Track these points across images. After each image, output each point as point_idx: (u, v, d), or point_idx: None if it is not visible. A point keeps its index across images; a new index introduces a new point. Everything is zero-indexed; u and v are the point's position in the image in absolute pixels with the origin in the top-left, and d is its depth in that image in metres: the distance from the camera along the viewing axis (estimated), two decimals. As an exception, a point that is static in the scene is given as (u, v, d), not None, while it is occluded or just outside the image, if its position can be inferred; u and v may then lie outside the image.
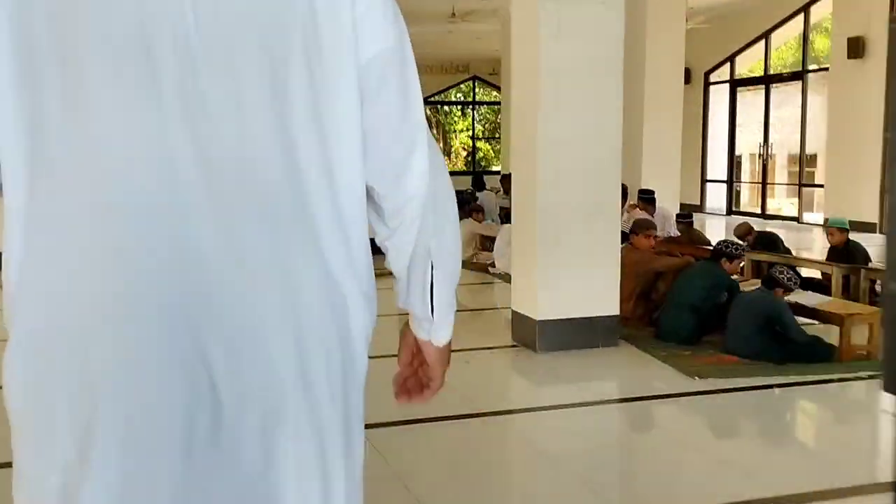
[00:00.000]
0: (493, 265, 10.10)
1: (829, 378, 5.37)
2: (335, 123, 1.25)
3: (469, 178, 20.08)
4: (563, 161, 5.95)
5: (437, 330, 1.44)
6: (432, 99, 25.95)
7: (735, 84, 17.66)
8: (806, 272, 8.27)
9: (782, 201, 18.58)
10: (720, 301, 6.27)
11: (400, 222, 1.38)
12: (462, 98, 27.80)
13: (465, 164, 27.87)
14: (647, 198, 10.66)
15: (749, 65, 17.75)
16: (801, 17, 15.66)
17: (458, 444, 4.45)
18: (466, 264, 10.45)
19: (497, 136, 28.36)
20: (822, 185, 15.25)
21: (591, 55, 5.95)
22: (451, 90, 26.72)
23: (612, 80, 6.06)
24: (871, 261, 7.97)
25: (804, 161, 16.20)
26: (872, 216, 13.88)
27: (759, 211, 17.38)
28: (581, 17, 5.89)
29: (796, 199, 17.76)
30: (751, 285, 6.72)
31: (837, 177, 14.56)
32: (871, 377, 5.29)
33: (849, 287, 7.37)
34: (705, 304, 6.19)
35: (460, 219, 6.18)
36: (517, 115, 6.26)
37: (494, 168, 26.63)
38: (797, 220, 15.79)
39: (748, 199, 18.89)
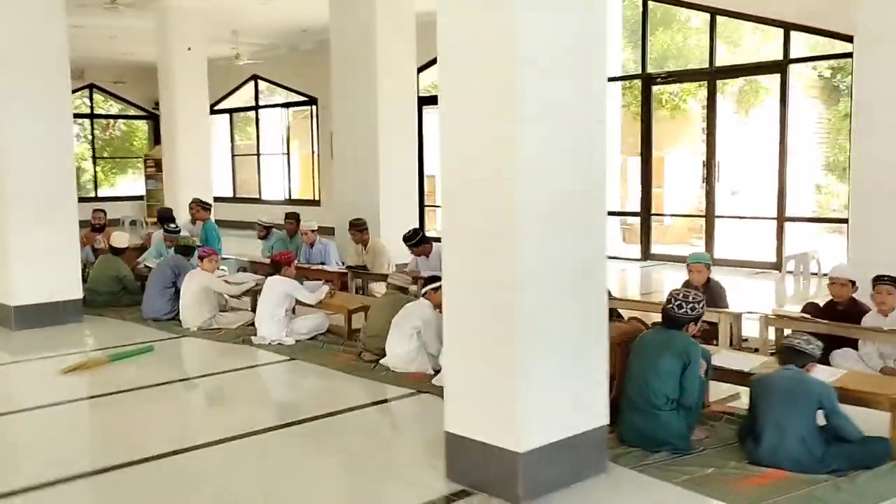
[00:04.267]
0: (253, 330, 7.38)
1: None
2: None
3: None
4: (539, 199, 3.79)
5: None
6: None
7: (421, 102, 16.42)
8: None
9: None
10: (702, 382, 4.60)
11: None
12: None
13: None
14: (420, 239, 8.73)
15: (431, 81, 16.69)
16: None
17: None
18: (205, 335, 7.58)
19: (105, 155, 24.28)
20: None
21: (573, 34, 3.89)
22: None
23: (598, 68, 4.04)
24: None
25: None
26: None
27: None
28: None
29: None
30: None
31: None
32: None
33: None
34: (688, 393, 4.45)
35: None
36: (453, 132, 3.92)
37: (105, 192, 22.60)
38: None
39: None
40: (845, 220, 11.21)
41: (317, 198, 18.44)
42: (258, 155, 20.40)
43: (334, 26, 10.96)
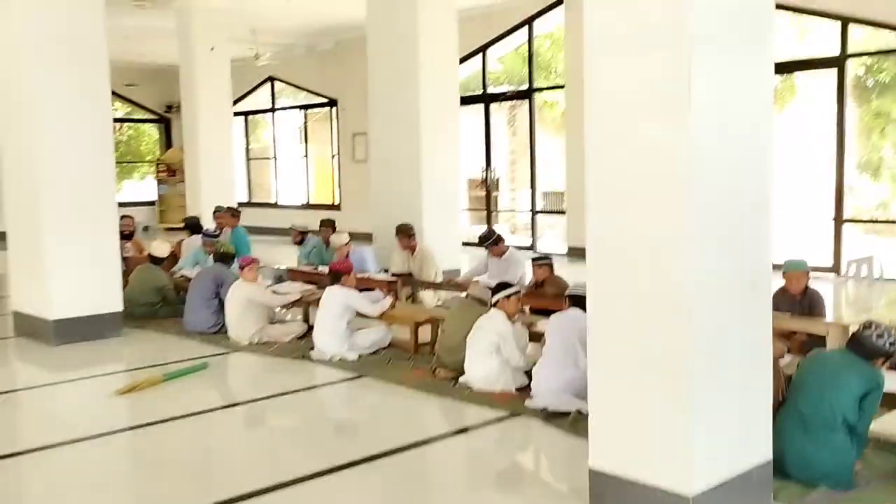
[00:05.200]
0: (308, 344, 6.90)
1: None
2: None
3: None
4: (711, 199, 3.31)
5: None
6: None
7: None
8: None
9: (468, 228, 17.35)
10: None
11: None
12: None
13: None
14: (496, 239, 8.33)
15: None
16: (524, 30, 14.40)
17: None
18: (257, 349, 7.05)
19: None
20: (563, 212, 14.17)
21: (741, 5, 3.41)
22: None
23: (766, 48, 3.56)
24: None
25: (535, 186, 14.96)
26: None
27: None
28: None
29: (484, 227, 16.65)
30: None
31: (580, 204, 13.51)
32: None
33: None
34: (866, 419, 3.97)
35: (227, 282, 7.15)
36: (607, 129, 3.43)
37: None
38: (532, 248, 14.50)
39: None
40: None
41: (336, 202, 17.94)
42: (275, 158, 19.88)
43: (371, 23, 10.45)
